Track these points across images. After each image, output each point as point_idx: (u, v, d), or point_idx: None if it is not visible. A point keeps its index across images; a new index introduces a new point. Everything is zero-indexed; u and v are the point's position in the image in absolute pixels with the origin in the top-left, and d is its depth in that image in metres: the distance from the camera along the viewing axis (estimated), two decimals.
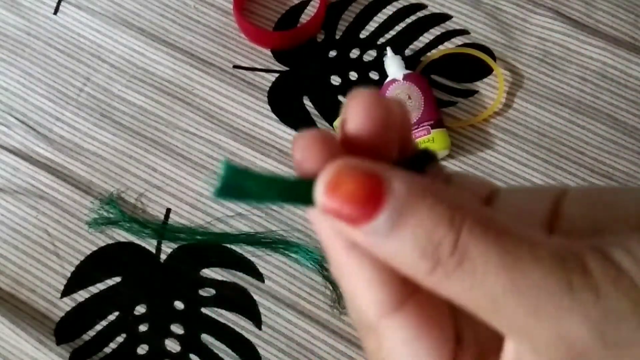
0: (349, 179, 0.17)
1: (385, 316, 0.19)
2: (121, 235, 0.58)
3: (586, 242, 0.17)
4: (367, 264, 0.18)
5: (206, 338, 0.55)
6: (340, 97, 0.63)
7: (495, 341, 0.19)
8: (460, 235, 0.16)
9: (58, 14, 0.67)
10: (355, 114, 0.18)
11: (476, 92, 0.63)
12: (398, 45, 0.64)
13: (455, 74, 0.63)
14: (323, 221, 0.18)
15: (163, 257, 0.57)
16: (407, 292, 0.19)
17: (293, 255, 0.56)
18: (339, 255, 0.19)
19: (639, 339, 0.16)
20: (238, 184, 0.17)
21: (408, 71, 0.60)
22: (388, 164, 0.18)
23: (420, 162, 0.19)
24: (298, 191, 0.17)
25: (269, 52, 0.65)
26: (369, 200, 0.17)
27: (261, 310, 0.55)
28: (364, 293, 0.19)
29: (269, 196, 0.17)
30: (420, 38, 0.65)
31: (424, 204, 0.17)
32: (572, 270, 0.16)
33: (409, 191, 0.17)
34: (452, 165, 0.60)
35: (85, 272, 0.57)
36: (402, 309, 0.19)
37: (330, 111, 0.62)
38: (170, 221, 0.58)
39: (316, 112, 0.62)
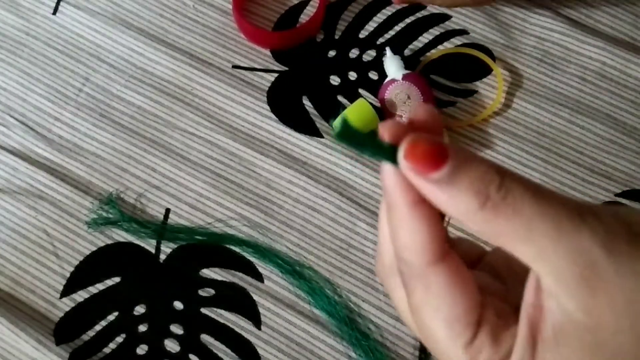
0: (422, 142, 0.24)
1: (433, 263, 0.25)
2: (121, 236, 0.58)
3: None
4: (425, 218, 0.25)
5: (206, 338, 0.55)
6: (339, 97, 0.63)
7: (508, 309, 0.26)
8: (504, 178, 0.24)
9: (57, 14, 0.66)
10: (423, 112, 0.26)
11: (475, 92, 0.63)
12: (397, 45, 0.64)
13: (454, 74, 0.63)
14: (395, 181, 0.25)
15: (162, 257, 0.57)
16: (448, 249, 0.26)
17: (305, 292, 0.56)
18: (403, 210, 0.25)
19: (630, 252, 0.22)
20: (351, 134, 0.24)
21: (407, 71, 0.60)
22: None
23: None
24: (387, 151, 0.25)
25: (268, 52, 0.65)
26: (436, 156, 0.23)
27: (261, 310, 0.55)
28: (418, 242, 0.25)
29: (368, 149, 0.25)
30: (420, 38, 0.65)
31: (477, 159, 0.24)
32: (582, 207, 0.23)
33: (465, 153, 0.24)
34: None
35: (85, 272, 0.57)
36: (444, 260, 0.25)
37: (330, 111, 0.62)
38: (169, 221, 0.58)
39: (315, 112, 0.62)
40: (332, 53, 0.65)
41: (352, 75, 0.64)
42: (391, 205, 0.26)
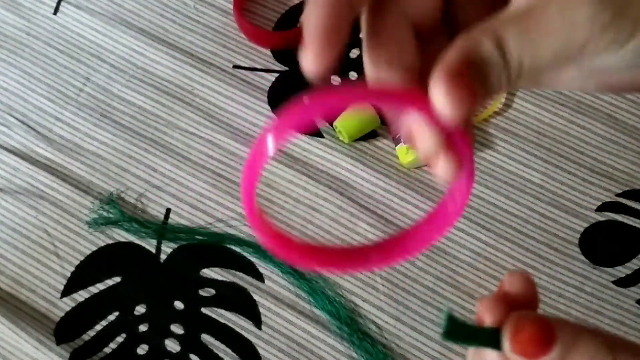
0: (527, 325, 0.23)
1: None
2: (121, 235, 0.58)
3: None
4: None
5: (206, 338, 0.55)
6: None
7: None
8: (616, 354, 0.23)
9: (58, 14, 0.67)
10: (519, 283, 0.26)
11: None
12: None
13: None
14: None
15: (163, 257, 0.57)
16: None
17: (305, 292, 0.56)
18: None
19: None
20: (456, 334, 0.24)
21: None
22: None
23: None
24: (490, 338, 0.24)
25: (268, 52, 0.65)
26: (542, 341, 0.23)
27: (261, 310, 0.55)
28: None
29: (471, 342, 0.24)
30: None
31: (585, 337, 0.23)
32: None
33: (572, 330, 0.23)
34: None
35: (85, 272, 0.57)
36: None
37: None
38: (170, 221, 0.59)
39: None
40: None
41: (353, 75, 0.64)
42: None
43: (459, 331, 0.24)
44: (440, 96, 0.21)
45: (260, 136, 0.22)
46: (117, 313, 0.56)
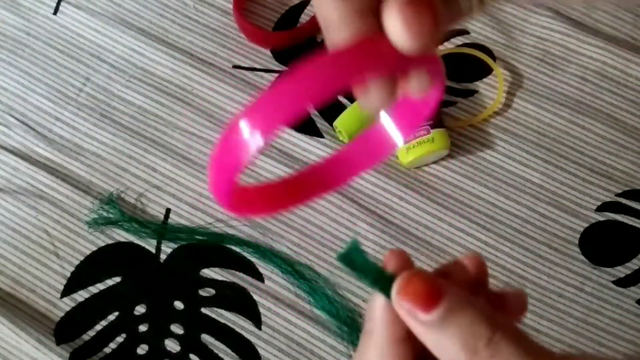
0: (417, 279, 0.23)
1: None
2: (121, 235, 0.58)
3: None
4: (406, 352, 0.25)
5: (206, 338, 0.55)
6: (340, 97, 0.63)
7: None
8: (495, 333, 0.22)
9: (58, 14, 0.66)
10: (464, 264, 0.27)
11: (476, 92, 0.63)
12: None
13: (454, 74, 0.63)
14: (383, 314, 0.25)
15: (163, 257, 0.57)
16: None
17: (305, 292, 0.56)
18: (383, 346, 0.25)
19: None
20: (353, 259, 0.25)
21: None
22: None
23: None
24: (383, 281, 0.24)
25: (268, 52, 0.65)
26: (428, 297, 0.23)
27: (261, 310, 0.55)
28: None
29: (365, 277, 0.25)
30: None
31: (470, 308, 0.23)
32: None
33: (460, 297, 0.23)
34: (452, 165, 0.60)
35: (85, 272, 0.57)
36: None
37: (330, 111, 0.62)
38: (170, 221, 0.58)
39: (316, 112, 0.62)
40: None
41: None
42: (371, 335, 0.25)
43: (356, 259, 0.24)
44: (395, 24, 0.18)
45: (237, 125, 0.20)
46: (117, 313, 0.56)
